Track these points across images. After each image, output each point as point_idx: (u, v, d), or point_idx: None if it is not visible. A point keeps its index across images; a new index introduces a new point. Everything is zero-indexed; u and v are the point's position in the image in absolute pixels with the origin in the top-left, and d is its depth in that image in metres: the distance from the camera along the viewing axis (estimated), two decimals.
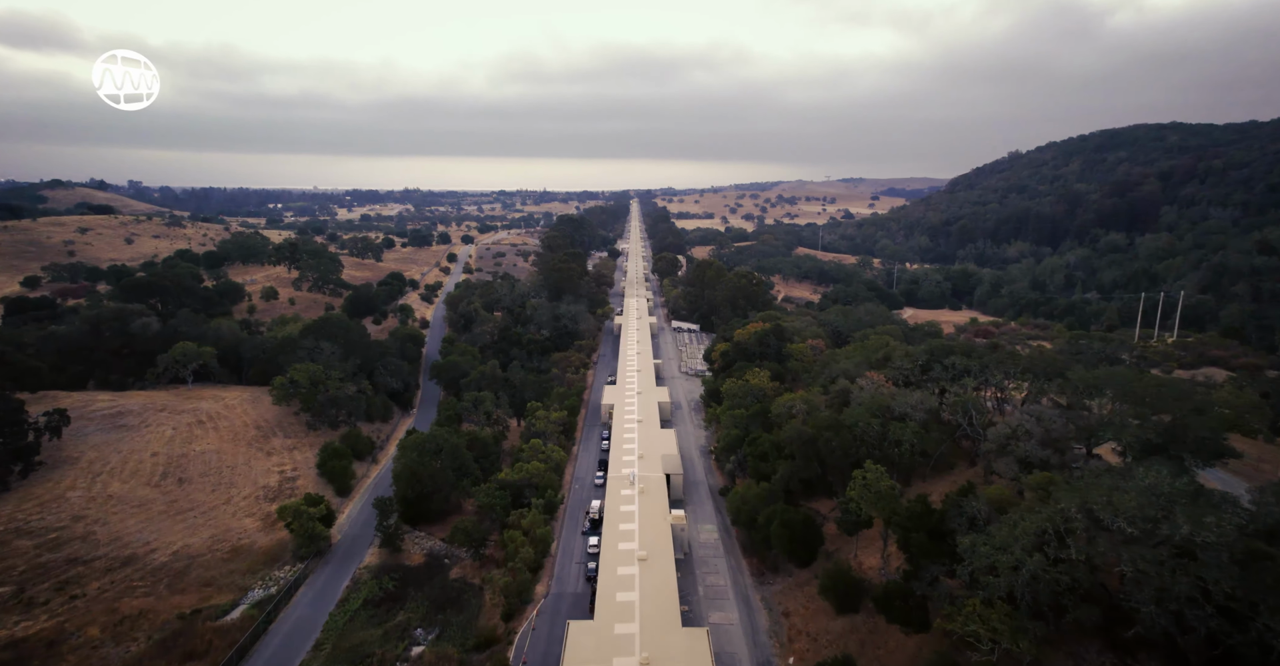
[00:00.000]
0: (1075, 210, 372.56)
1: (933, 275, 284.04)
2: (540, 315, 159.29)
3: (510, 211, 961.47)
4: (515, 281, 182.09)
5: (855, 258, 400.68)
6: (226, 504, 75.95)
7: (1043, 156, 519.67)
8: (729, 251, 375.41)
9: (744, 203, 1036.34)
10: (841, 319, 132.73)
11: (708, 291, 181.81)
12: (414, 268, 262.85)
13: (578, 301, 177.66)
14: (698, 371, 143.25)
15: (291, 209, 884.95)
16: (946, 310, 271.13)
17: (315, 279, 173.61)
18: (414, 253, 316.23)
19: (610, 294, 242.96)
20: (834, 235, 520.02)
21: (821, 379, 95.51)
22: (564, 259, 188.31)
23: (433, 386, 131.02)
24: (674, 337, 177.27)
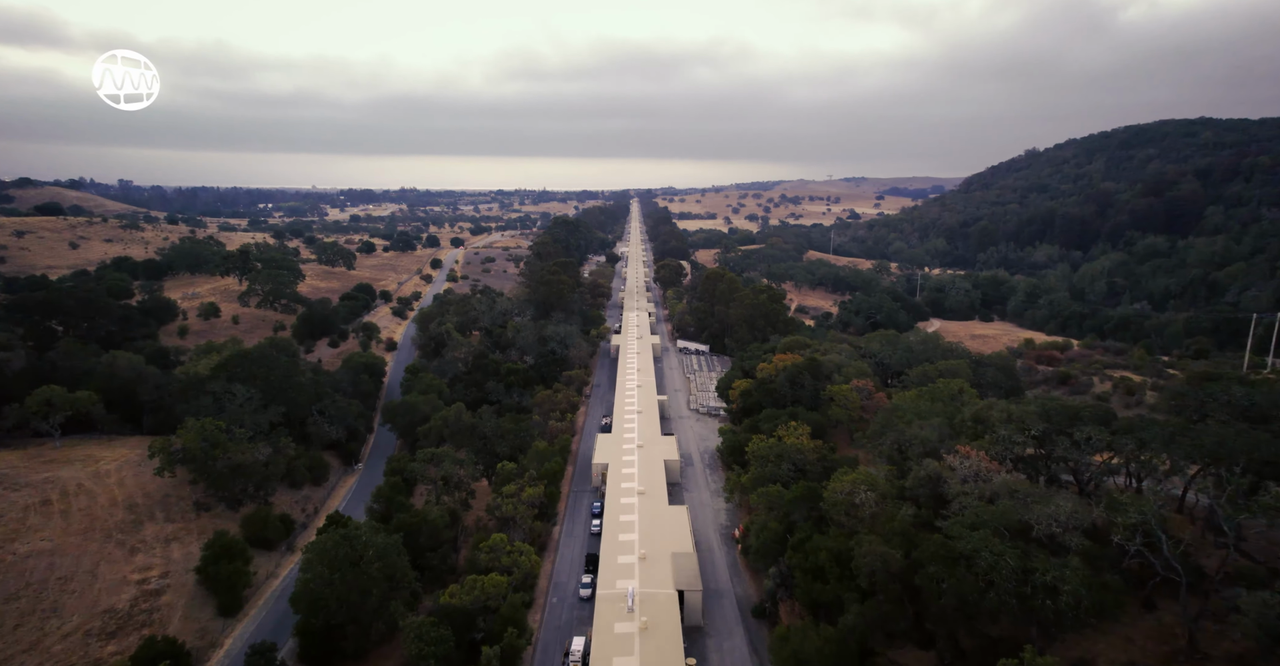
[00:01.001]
0: (1106, 211, 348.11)
1: (960, 283, 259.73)
2: (524, 338, 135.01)
3: (508, 211, 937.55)
4: (496, 296, 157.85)
5: (870, 262, 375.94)
6: (29, 651, 51.64)
7: (1063, 154, 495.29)
8: (735, 255, 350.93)
9: (746, 202, 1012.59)
10: (888, 349, 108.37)
11: (718, 307, 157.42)
12: (391, 276, 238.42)
13: (569, 319, 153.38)
14: (710, 410, 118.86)
15: (282, 209, 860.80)
16: (977, 322, 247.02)
17: (265, 293, 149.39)
18: (395, 258, 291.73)
19: (608, 305, 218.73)
20: (844, 237, 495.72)
21: (885, 445, 71.17)
22: (554, 269, 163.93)
23: (390, 430, 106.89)
24: (680, 362, 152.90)
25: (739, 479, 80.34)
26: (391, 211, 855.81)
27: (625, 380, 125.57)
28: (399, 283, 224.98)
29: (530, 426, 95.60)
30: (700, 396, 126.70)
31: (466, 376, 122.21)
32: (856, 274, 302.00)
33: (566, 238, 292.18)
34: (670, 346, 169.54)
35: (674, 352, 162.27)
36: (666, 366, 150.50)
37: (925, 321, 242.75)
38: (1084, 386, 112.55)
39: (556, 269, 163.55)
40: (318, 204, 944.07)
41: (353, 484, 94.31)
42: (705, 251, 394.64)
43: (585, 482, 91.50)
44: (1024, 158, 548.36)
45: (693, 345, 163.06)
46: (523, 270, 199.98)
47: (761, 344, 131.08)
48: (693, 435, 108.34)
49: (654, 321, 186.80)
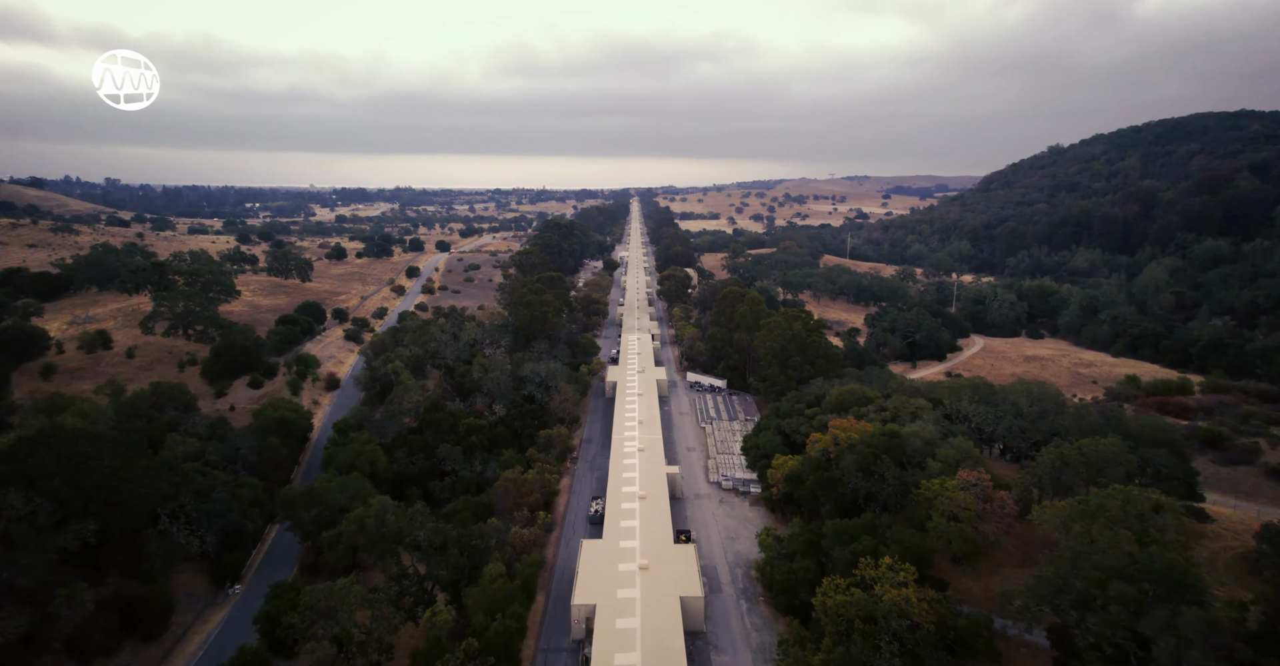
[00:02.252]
0: (1151, 211, 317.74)
1: (1002, 294, 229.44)
2: (494, 379, 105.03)
3: (504, 211, 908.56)
4: (463, 321, 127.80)
5: (893, 267, 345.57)
6: None
7: (1090, 150, 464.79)
8: (745, 261, 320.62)
9: (750, 202, 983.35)
10: (986, 412, 77.56)
11: (739, 335, 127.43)
12: (357, 288, 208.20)
13: (554, 350, 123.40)
14: (737, 483, 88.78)
15: (269, 209, 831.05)
16: (1025, 339, 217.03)
17: (176, 316, 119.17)
18: (368, 265, 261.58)
19: (604, 324, 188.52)
20: (858, 239, 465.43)
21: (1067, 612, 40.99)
22: (536, 287, 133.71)
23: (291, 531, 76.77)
24: (693, 404, 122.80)
25: (801, 652, 50.11)
26: (383, 211, 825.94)
27: (623, 437, 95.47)
28: (363, 297, 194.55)
29: (485, 536, 65.48)
30: (722, 460, 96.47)
31: (413, 437, 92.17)
32: (882, 283, 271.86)
33: (559, 243, 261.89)
34: (679, 379, 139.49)
35: (683, 389, 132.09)
36: (675, 410, 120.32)
37: (965, 338, 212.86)
38: (1247, 453, 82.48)
39: (540, 286, 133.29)
40: (307, 203, 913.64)
41: (220, 621, 64.18)
42: (711, 255, 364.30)
43: (561, 629, 61.36)
44: (1047, 154, 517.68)
45: (706, 379, 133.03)
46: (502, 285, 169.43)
47: (800, 390, 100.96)
48: (717, 530, 78.09)
49: (658, 346, 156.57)
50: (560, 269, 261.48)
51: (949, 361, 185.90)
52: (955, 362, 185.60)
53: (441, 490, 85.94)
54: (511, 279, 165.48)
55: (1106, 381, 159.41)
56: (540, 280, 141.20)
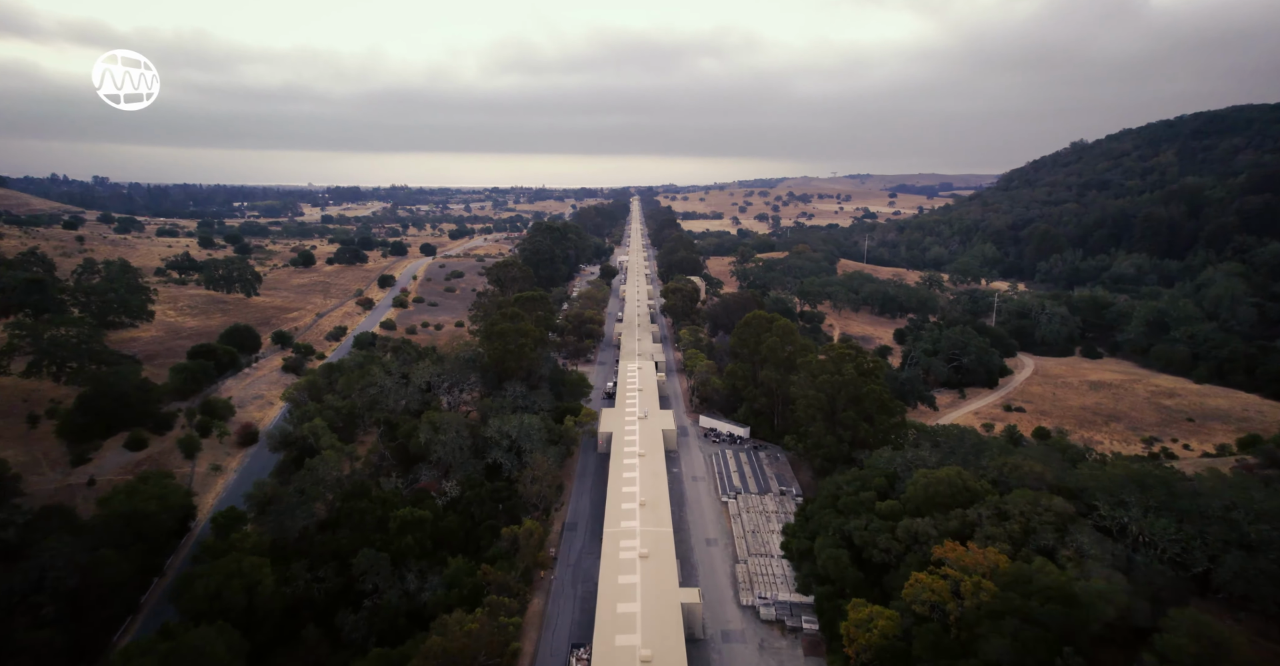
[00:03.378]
0: (1200, 211, 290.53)
1: (1051, 306, 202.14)
2: (448, 442, 78.12)
3: (501, 211, 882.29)
4: (418, 357, 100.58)
5: (916, 273, 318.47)
6: None
7: (1120, 146, 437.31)
8: (755, 267, 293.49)
9: (753, 200, 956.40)
10: (1159, 525, 50.30)
11: (766, 371, 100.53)
12: (316, 303, 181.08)
13: (533, 394, 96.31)
14: (780, 610, 61.81)
15: (257, 208, 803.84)
16: (1080, 359, 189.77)
17: (40, 350, 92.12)
18: (337, 273, 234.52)
19: (600, 346, 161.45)
20: (871, 240, 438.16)
21: None
22: (513, 311, 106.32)
23: None
24: (710, 464, 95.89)
25: None
26: (373, 210, 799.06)
27: (619, 530, 68.61)
28: (318, 314, 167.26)
29: None
30: (756, 565, 69.37)
31: (322, 541, 65.31)
32: (909, 292, 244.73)
33: (550, 248, 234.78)
34: (689, 423, 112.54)
35: (696, 440, 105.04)
36: (686, 472, 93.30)
37: (1012, 358, 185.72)
38: None
39: (517, 311, 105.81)
40: (295, 203, 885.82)
41: None
42: (717, 260, 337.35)
43: None
44: (1070, 151, 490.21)
45: (724, 426, 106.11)
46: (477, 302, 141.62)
47: (859, 465, 73.95)
48: None
49: (663, 378, 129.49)
50: (552, 278, 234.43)
51: (1002, 389, 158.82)
52: (1009, 390, 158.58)
53: (354, 625, 59.11)
54: (486, 297, 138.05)
55: (1203, 417, 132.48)
56: (520, 301, 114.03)
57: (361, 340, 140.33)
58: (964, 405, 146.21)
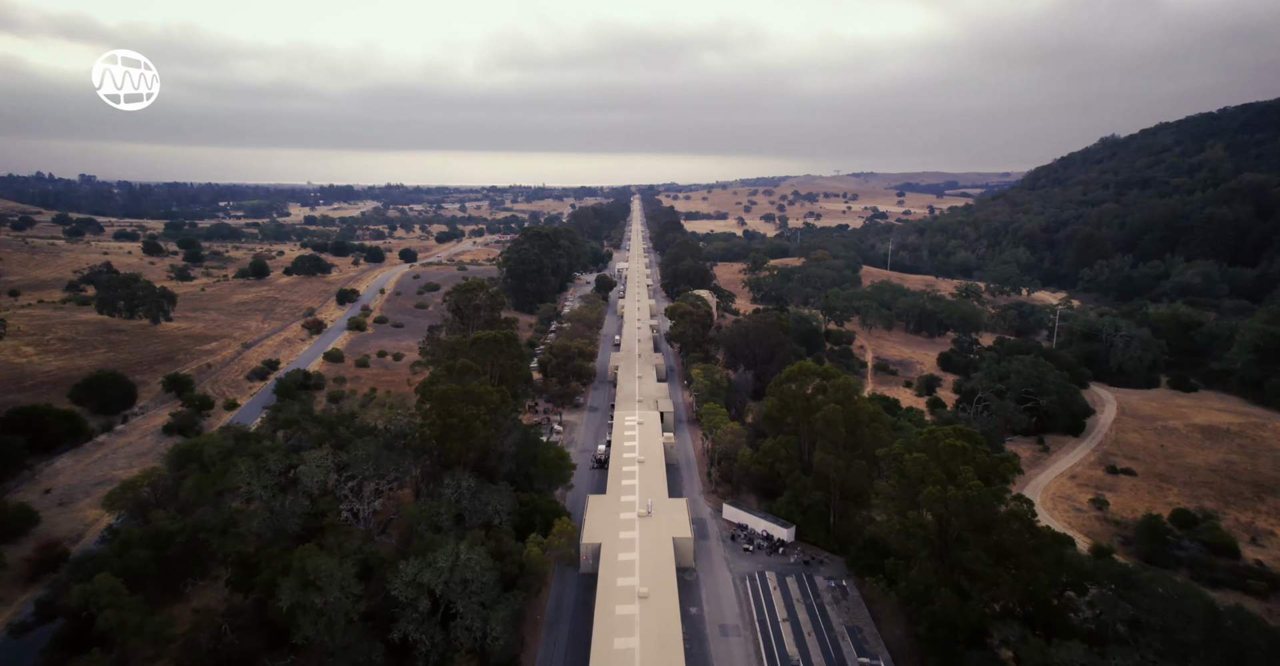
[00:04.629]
0: (1272, 211, 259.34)
1: (1127, 326, 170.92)
2: (327, 611, 47.19)
3: (498, 210, 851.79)
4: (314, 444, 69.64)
5: (950, 282, 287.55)
6: None
7: (1158, 141, 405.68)
8: (769, 276, 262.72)
9: (757, 199, 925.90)
10: None
11: (825, 456, 69.78)
12: (251, 326, 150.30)
13: (484, 493, 65.53)
14: None
15: (243, 208, 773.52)
16: (1168, 391, 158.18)
17: None
18: (292, 286, 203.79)
19: (592, 386, 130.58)
20: (889, 243, 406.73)
21: None
22: (466, 364, 75.09)
23: None
24: (743, 594, 65.33)
25: None
26: (361, 210, 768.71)
27: None
28: (245, 345, 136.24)
29: None
30: None
31: None
32: (949, 306, 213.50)
33: (538, 258, 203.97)
34: (708, 512, 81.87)
35: (720, 549, 74.18)
36: (709, 614, 62.55)
37: (1084, 390, 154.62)
38: None
39: (469, 364, 74.57)
40: (282, 202, 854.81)
41: None
42: (725, 267, 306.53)
43: None
44: (1101, 147, 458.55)
45: (758, 521, 75.55)
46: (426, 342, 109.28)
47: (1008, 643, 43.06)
48: None
49: (671, 440, 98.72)
50: (540, 292, 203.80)
51: (1090, 437, 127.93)
52: (1100, 439, 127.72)
53: None
54: (443, 330, 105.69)
55: None
56: (479, 345, 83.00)
57: (286, 383, 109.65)
58: (1050, 462, 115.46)
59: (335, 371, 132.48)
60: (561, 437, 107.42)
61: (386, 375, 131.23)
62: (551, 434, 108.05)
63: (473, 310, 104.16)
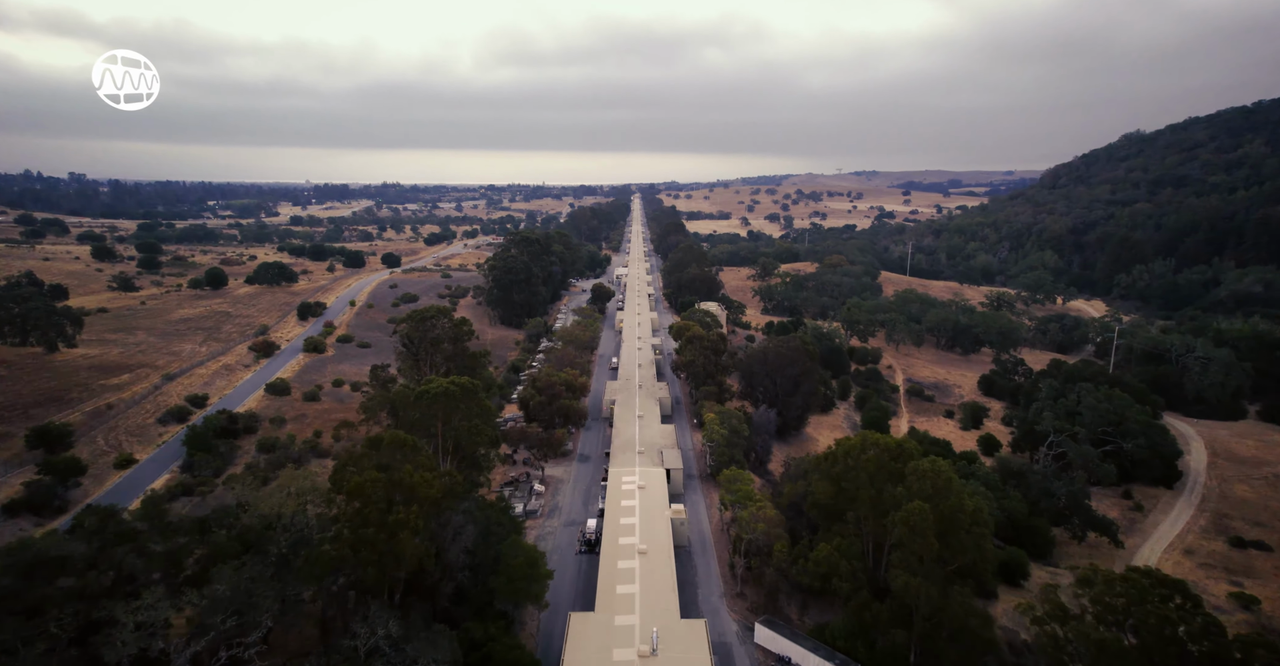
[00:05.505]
0: None
1: (1201, 346, 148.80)
2: None
3: (495, 210, 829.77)
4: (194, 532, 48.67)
5: (978, 289, 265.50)
6: None
7: (1189, 136, 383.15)
8: (781, 284, 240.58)
9: (760, 199, 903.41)
10: None
11: (899, 574, 47.40)
12: (179, 351, 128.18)
13: (416, 638, 43.76)
14: None
15: (232, 208, 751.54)
16: (1261, 424, 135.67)
17: None
18: (250, 297, 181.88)
19: (584, 427, 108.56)
20: (904, 246, 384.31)
21: None
22: (398, 437, 53.38)
23: None
24: None
25: None
26: (353, 210, 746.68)
27: None
28: (168, 377, 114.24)
29: None
30: None
31: None
32: (985, 320, 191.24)
33: (527, 267, 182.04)
34: (732, 631, 60.01)
35: None
36: None
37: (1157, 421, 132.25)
38: None
39: (404, 437, 52.61)
40: (277, 200, 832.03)
41: None
42: (732, 272, 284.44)
43: None
44: (1124, 143, 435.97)
45: (808, 657, 53.63)
46: (367, 396, 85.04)
47: None
48: None
49: (682, 515, 76.71)
50: (529, 305, 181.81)
51: (1189, 491, 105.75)
52: (1196, 490, 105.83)
53: None
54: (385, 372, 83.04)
55: None
56: (428, 400, 60.49)
57: (201, 431, 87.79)
58: (1150, 528, 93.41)
59: (277, 408, 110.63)
60: (543, 502, 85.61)
61: (339, 411, 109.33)
62: (530, 496, 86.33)
63: (430, 344, 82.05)
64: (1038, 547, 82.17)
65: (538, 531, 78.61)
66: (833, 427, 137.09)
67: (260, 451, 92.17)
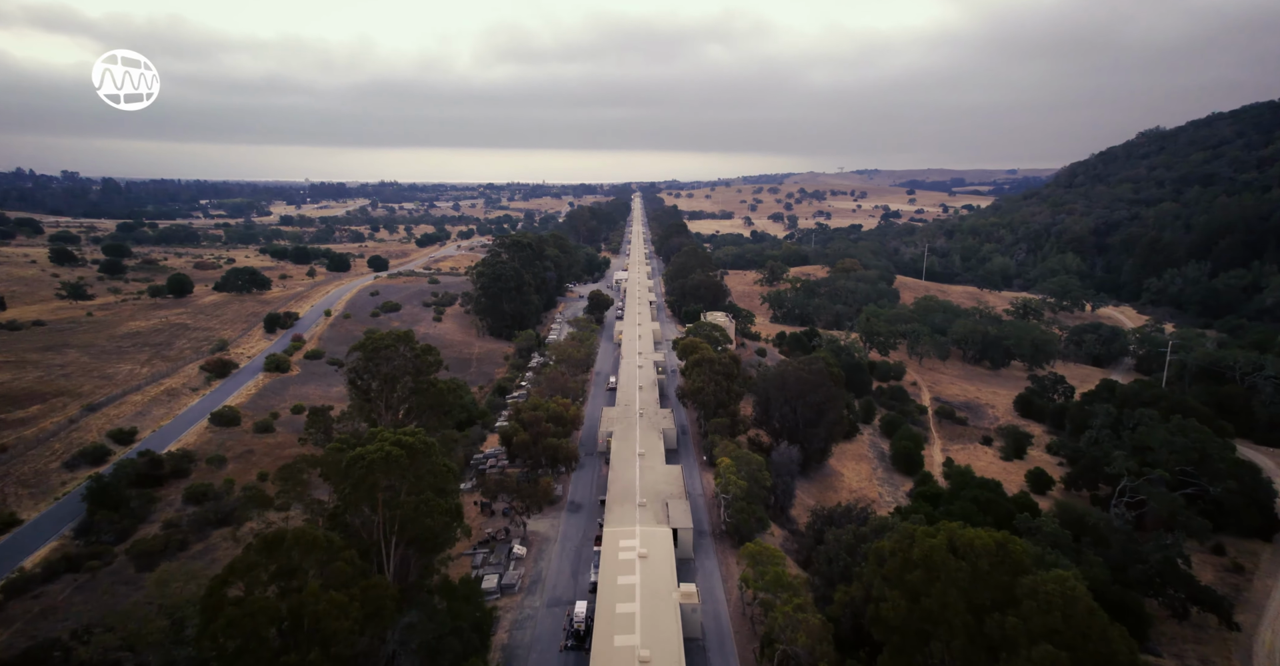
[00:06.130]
0: None
1: (1271, 364, 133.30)
2: None
3: (493, 209, 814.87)
4: None
5: (1000, 295, 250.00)
6: None
7: (1215, 132, 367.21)
8: (791, 290, 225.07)
9: (763, 198, 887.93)
10: None
11: None
12: (113, 374, 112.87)
13: None
14: None
15: (224, 207, 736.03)
16: None
17: None
18: (215, 307, 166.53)
19: (578, 463, 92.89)
20: (915, 248, 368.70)
21: None
22: (318, 538, 38.63)
23: None
24: None
25: None
26: (347, 209, 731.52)
27: None
28: (90, 407, 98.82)
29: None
30: None
31: None
32: (1017, 331, 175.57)
33: (518, 274, 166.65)
34: None
35: None
36: None
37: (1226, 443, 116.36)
38: None
39: (331, 538, 37.79)
40: (271, 199, 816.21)
41: None
42: (738, 275, 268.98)
43: None
44: (1143, 140, 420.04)
45: None
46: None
47: None
48: None
49: (694, 603, 61.02)
50: (520, 316, 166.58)
51: None
52: None
53: None
54: (321, 423, 66.60)
55: None
56: (364, 469, 45.48)
57: (104, 484, 72.36)
58: (1259, 596, 77.90)
59: (220, 443, 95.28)
60: (523, 571, 70.18)
61: (295, 446, 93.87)
62: (508, 562, 71.03)
63: (384, 382, 66.26)
64: (1130, 629, 66.88)
65: (514, 614, 63.20)
66: (857, 458, 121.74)
67: (187, 503, 76.96)
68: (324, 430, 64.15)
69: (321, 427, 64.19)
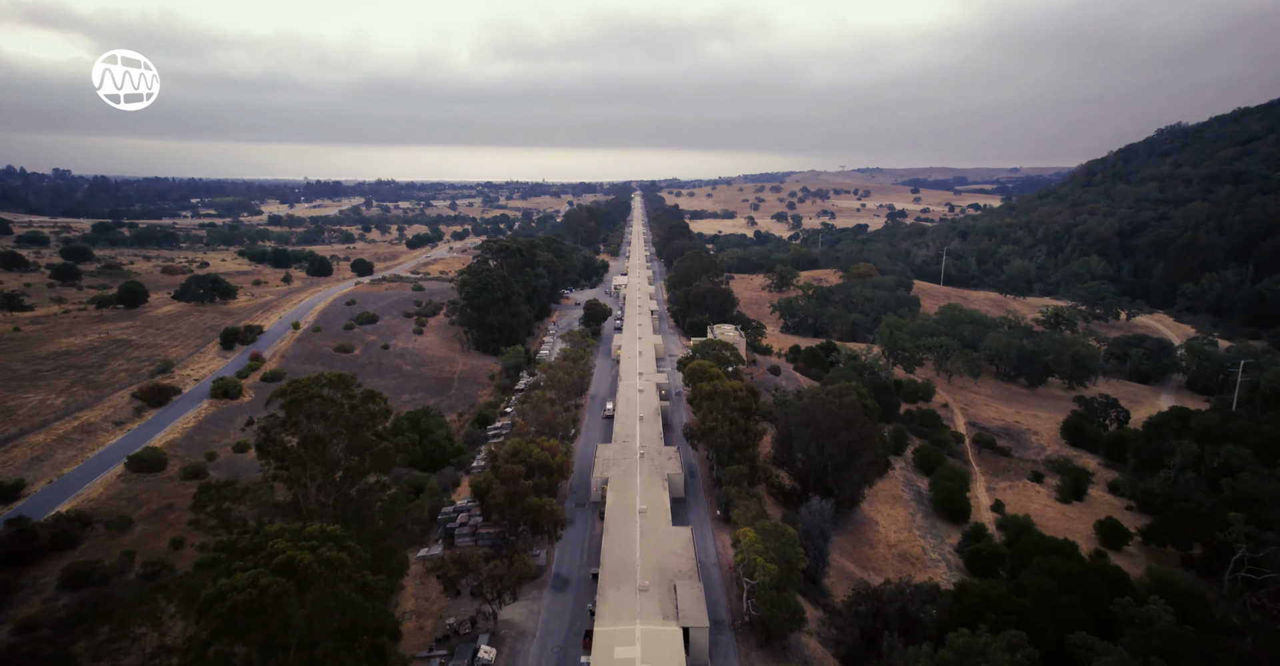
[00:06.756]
0: None
1: None
2: None
3: (491, 208, 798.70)
4: None
5: (1025, 302, 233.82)
6: None
7: (1242, 128, 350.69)
8: (803, 298, 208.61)
9: (765, 197, 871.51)
10: None
11: None
12: (22, 401, 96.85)
13: None
14: None
15: (215, 206, 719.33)
16: None
17: None
18: (168, 320, 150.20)
19: (567, 522, 76.69)
20: (928, 250, 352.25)
21: None
22: None
23: None
24: None
25: None
26: (340, 208, 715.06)
27: None
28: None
29: None
30: None
31: None
32: (1055, 345, 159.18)
33: (506, 283, 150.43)
34: None
35: None
36: None
37: None
38: None
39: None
40: (263, 198, 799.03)
41: None
42: (743, 280, 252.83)
43: None
44: (1164, 137, 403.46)
45: None
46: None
47: None
48: None
49: None
50: (509, 329, 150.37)
51: None
52: None
53: None
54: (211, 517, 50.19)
55: None
56: (222, 612, 30.79)
57: None
58: None
59: (134, 494, 79.21)
60: None
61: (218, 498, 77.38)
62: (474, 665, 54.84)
63: (310, 446, 48.98)
64: None
65: None
66: (892, 499, 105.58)
67: (63, 588, 60.77)
68: (219, 515, 47.88)
69: (215, 510, 47.86)
